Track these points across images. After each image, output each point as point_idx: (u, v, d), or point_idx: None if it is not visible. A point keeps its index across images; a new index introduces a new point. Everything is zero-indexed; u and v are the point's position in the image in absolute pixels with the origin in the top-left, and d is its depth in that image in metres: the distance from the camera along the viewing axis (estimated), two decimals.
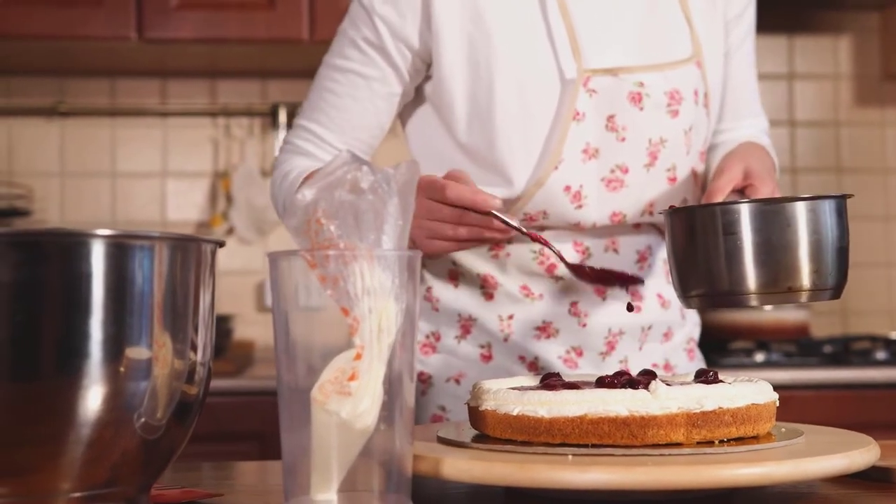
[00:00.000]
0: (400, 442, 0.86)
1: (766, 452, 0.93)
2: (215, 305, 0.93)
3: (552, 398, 0.97)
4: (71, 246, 0.79)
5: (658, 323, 1.50)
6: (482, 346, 1.48)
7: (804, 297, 1.16)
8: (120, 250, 0.81)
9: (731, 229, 1.15)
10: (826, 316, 3.13)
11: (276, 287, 0.86)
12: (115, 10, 2.59)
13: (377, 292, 0.84)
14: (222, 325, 2.59)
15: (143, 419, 0.83)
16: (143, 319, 0.82)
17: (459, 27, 1.41)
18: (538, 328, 1.46)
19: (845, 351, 2.64)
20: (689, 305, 1.23)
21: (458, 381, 1.49)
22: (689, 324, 1.57)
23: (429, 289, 1.51)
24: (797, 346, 2.65)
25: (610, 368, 1.47)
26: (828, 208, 1.16)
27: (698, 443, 0.96)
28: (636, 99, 1.39)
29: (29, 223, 2.92)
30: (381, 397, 0.84)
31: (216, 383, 2.33)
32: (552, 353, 1.46)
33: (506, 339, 1.47)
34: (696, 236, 1.18)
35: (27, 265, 0.78)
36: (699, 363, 1.59)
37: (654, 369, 1.49)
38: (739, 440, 0.99)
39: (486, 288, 1.47)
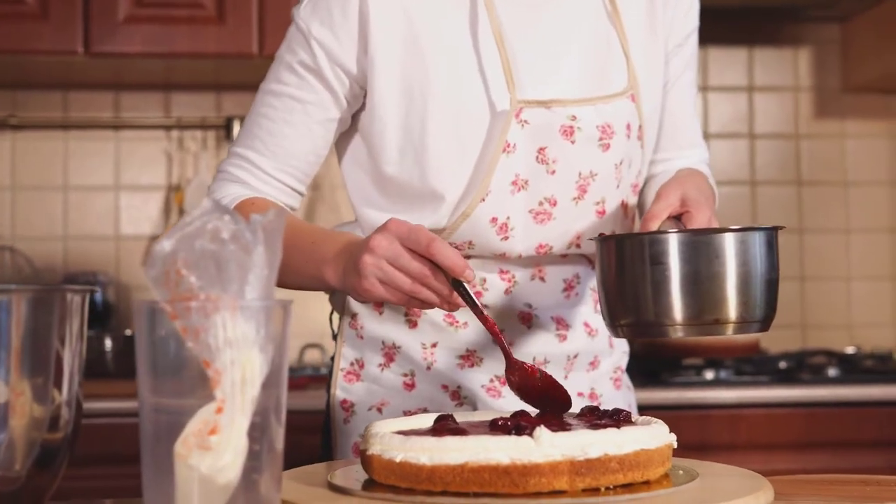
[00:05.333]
0: (266, 490, 0.84)
1: (646, 501, 0.92)
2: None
3: (434, 445, 0.95)
4: None
5: (584, 352, 1.48)
6: (405, 375, 1.47)
7: (731, 330, 1.15)
8: None
9: (658, 259, 1.14)
10: (785, 330, 3.12)
11: (141, 338, 0.84)
12: (62, 24, 2.56)
13: (240, 344, 0.82)
14: None
15: None
16: None
17: (396, 55, 1.38)
18: (462, 356, 1.45)
19: (799, 367, 2.63)
20: (616, 334, 1.21)
21: (380, 410, 1.47)
22: (617, 353, 1.55)
23: (354, 316, 1.49)
24: (752, 362, 2.64)
25: None
26: (758, 240, 1.14)
27: (584, 490, 0.95)
28: (568, 132, 1.37)
29: None
30: (245, 450, 0.82)
31: None
32: (475, 381, 1.44)
33: (429, 368, 1.45)
34: (624, 265, 1.16)
35: None
36: (626, 391, 1.57)
37: (579, 398, 1.48)
38: (630, 486, 0.97)
39: (410, 316, 1.45)
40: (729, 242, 1.13)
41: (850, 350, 2.83)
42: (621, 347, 1.57)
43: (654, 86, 1.47)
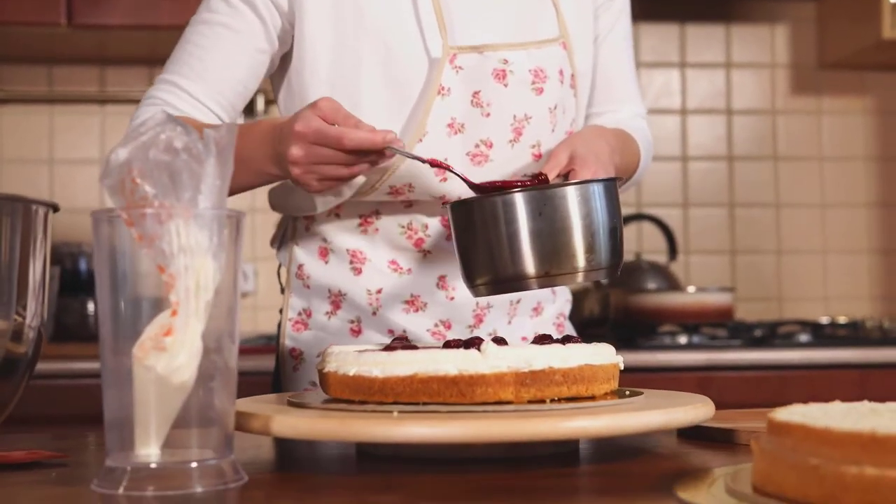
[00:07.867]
0: (220, 399, 0.88)
1: (586, 410, 0.95)
2: (49, 270, 0.95)
3: (386, 359, 0.99)
4: None
5: (527, 297, 1.52)
6: (352, 321, 1.51)
7: (581, 278, 1.22)
8: None
9: (508, 217, 1.20)
10: (762, 303, 3.16)
11: (99, 246, 0.88)
12: None
13: (193, 250, 0.86)
14: None
15: None
16: None
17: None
18: (406, 301, 1.49)
19: (772, 335, 2.67)
20: (477, 294, 1.27)
21: None
22: (560, 300, 1.60)
23: (300, 266, 1.53)
24: (726, 329, 2.68)
25: None
26: (596, 191, 1.21)
27: (530, 401, 0.98)
28: (501, 76, 1.42)
29: None
30: (199, 353, 0.86)
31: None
32: (421, 326, 1.49)
33: (374, 313, 1.49)
34: (476, 227, 1.23)
35: None
36: None
37: (523, 343, 1.52)
38: (575, 399, 1.01)
39: (354, 263, 1.49)
40: (571, 195, 1.20)
41: (824, 320, 2.87)
42: (564, 295, 1.62)
43: (584, 38, 1.51)
